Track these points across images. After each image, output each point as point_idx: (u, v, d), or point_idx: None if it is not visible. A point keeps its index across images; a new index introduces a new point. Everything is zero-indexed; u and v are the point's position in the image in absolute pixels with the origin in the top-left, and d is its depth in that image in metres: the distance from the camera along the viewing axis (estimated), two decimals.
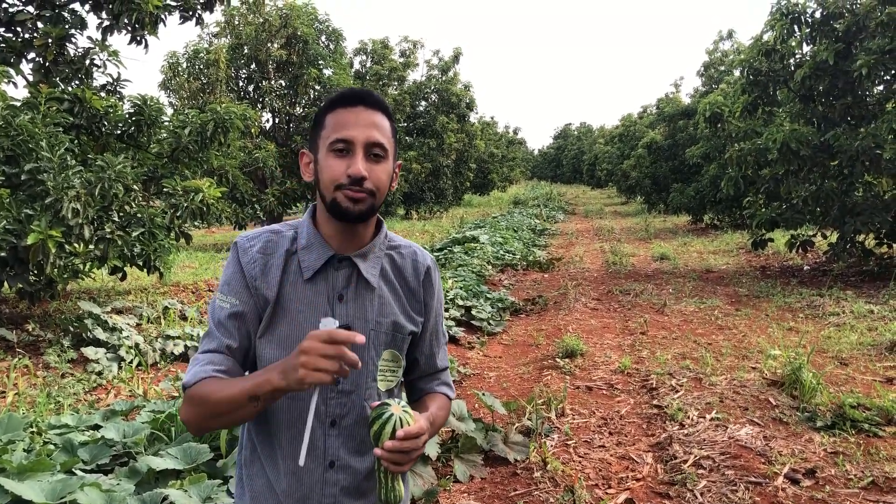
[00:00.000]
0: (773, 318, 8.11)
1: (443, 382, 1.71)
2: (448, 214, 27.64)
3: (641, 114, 33.98)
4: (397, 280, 1.58)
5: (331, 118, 1.47)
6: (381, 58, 27.23)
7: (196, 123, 8.15)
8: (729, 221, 18.93)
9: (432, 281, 1.63)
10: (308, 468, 1.46)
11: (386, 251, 1.58)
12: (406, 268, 1.60)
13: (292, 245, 1.52)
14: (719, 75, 23.08)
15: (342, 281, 1.50)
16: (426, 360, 1.67)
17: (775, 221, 11.15)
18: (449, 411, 1.68)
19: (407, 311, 1.58)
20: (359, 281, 1.51)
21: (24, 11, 7.71)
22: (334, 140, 1.43)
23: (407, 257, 1.61)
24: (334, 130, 1.44)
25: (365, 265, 1.52)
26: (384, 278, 1.56)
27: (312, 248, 1.50)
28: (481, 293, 8.99)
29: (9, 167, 6.05)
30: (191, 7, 8.24)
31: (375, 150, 1.45)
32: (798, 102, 11.31)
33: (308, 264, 1.49)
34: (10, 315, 7.35)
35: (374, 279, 1.52)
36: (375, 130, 1.45)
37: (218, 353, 1.45)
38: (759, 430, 4.53)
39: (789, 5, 10.69)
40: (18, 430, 3.67)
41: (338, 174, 1.42)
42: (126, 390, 5.41)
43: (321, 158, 1.46)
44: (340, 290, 1.49)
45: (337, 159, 1.43)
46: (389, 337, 1.53)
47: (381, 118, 1.48)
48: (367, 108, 1.46)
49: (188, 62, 18.83)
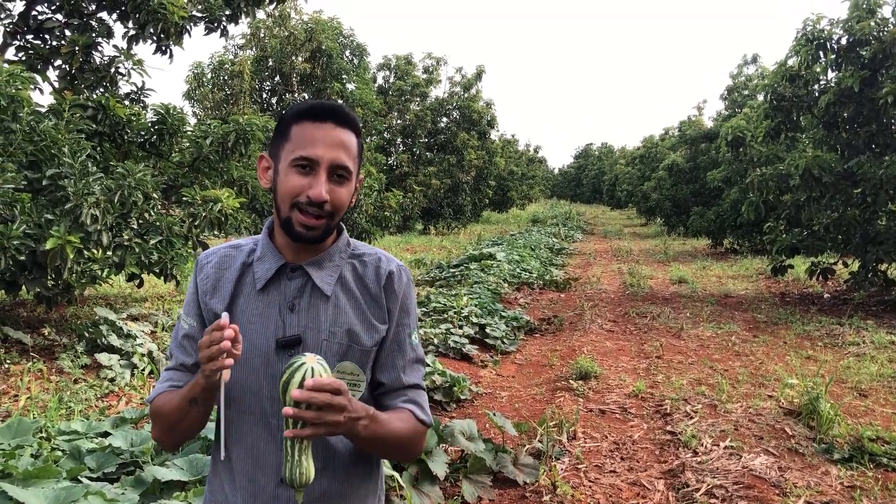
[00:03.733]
0: (792, 345, 8.00)
1: (410, 400, 1.54)
2: (466, 231, 27.63)
3: (663, 136, 33.85)
4: (358, 287, 1.51)
5: (297, 130, 1.42)
6: (404, 73, 27.36)
7: (218, 134, 8.20)
8: (749, 246, 18.77)
9: (395, 286, 1.52)
10: (260, 484, 1.44)
11: (348, 259, 1.53)
12: (367, 275, 1.52)
13: (248, 258, 1.51)
14: (742, 99, 22.96)
15: (294, 290, 1.47)
16: (388, 374, 1.53)
17: (796, 248, 11.04)
18: (413, 428, 1.50)
19: (368, 319, 1.49)
20: (312, 290, 1.47)
21: (53, 19, 7.83)
22: (298, 157, 1.39)
23: (370, 264, 1.53)
24: (299, 146, 1.40)
25: (319, 273, 1.47)
26: (343, 286, 1.50)
27: (265, 259, 1.49)
28: (496, 311, 8.95)
29: (31, 172, 6.11)
30: (216, 19, 8.32)
31: (340, 172, 1.41)
32: (822, 129, 11.22)
33: (260, 275, 1.48)
34: (27, 318, 7.40)
35: (328, 287, 1.47)
36: (342, 151, 1.41)
37: (176, 370, 1.53)
38: (774, 461, 4.45)
39: (815, 31, 10.62)
40: (28, 435, 3.67)
41: (297, 190, 1.39)
42: (137, 398, 5.41)
43: (282, 170, 1.43)
44: (292, 299, 1.46)
45: (298, 176, 1.39)
46: (344, 347, 1.46)
47: (350, 136, 1.44)
48: (337, 126, 1.42)
49: (213, 73, 19.04)
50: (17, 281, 6.04)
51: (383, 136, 25.66)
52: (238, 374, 1.44)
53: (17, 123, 5.94)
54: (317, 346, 1.44)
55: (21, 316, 7.48)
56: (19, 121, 5.95)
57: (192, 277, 1.55)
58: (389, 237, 21.11)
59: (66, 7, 7.58)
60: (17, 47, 7.82)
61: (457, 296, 9.28)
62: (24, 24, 7.76)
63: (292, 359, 1.30)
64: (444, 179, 26.47)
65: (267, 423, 1.44)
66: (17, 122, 5.94)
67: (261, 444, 1.44)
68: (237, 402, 1.46)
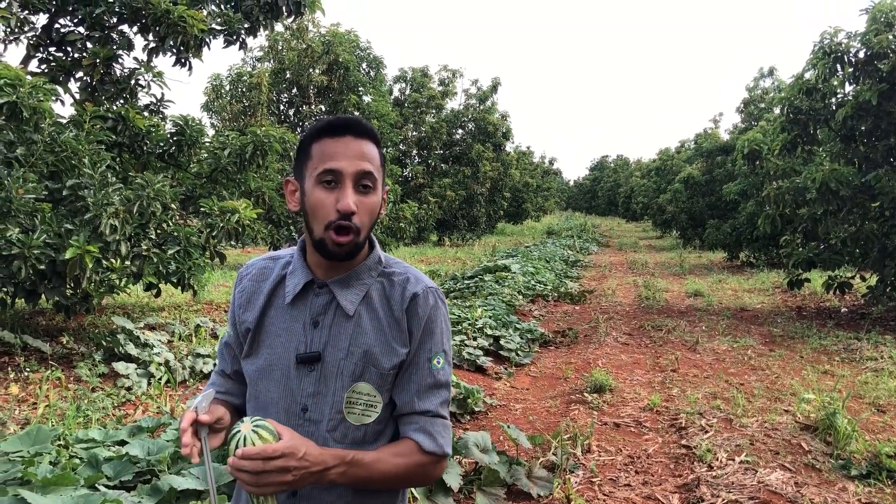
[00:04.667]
0: (808, 360, 7.94)
1: (420, 429, 1.48)
2: (481, 242, 27.63)
3: (679, 148, 33.76)
4: (382, 308, 1.49)
5: (317, 147, 1.43)
6: (420, 86, 27.50)
7: (235, 145, 8.28)
8: (765, 260, 18.65)
9: (418, 309, 1.48)
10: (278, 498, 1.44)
11: (378, 277, 1.52)
12: (394, 296, 1.50)
13: (284, 270, 1.55)
14: (759, 112, 22.88)
15: (319, 307, 1.48)
16: (401, 397, 1.49)
17: (813, 261, 10.96)
18: (415, 463, 1.46)
19: (388, 341, 1.47)
20: (337, 308, 1.48)
21: (75, 32, 7.94)
22: (322, 171, 1.40)
23: (398, 284, 1.51)
24: (321, 161, 1.41)
25: (344, 292, 1.48)
26: (368, 306, 1.49)
27: (295, 274, 1.52)
28: (510, 323, 8.94)
29: (52, 182, 6.19)
30: (235, 32, 8.41)
31: (365, 182, 1.42)
32: (839, 142, 11.15)
33: (289, 289, 1.51)
34: (46, 327, 7.48)
35: (351, 307, 1.47)
36: (364, 161, 1.42)
37: (218, 375, 1.67)
38: (791, 476, 4.41)
39: (832, 44, 10.57)
40: (46, 443, 3.71)
41: (328, 209, 1.40)
42: (154, 407, 5.45)
43: (308, 189, 1.43)
44: (316, 315, 1.48)
45: (325, 192, 1.40)
46: (361, 368, 1.45)
47: (370, 147, 1.45)
48: (356, 138, 1.43)
49: (231, 85, 19.21)
50: (36, 290, 6.11)
51: (399, 148, 25.77)
52: (262, 385, 1.49)
53: (38, 134, 6.03)
54: (335, 365, 1.45)
55: (40, 324, 7.56)
56: (41, 132, 6.04)
57: (234, 288, 1.62)
58: (404, 248, 21.15)
59: (87, 20, 7.69)
60: (40, 59, 7.94)
61: (471, 307, 9.29)
62: (46, 37, 7.88)
63: (234, 425, 1.33)
64: (459, 191, 26.54)
65: None
66: (39, 133, 6.03)
67: None
68: (261, 411, 1.50)
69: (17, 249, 5.43)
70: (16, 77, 5.72)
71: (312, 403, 1.45)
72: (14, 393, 5.35)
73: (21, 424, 4.75)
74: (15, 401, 5.24)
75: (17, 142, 5.96)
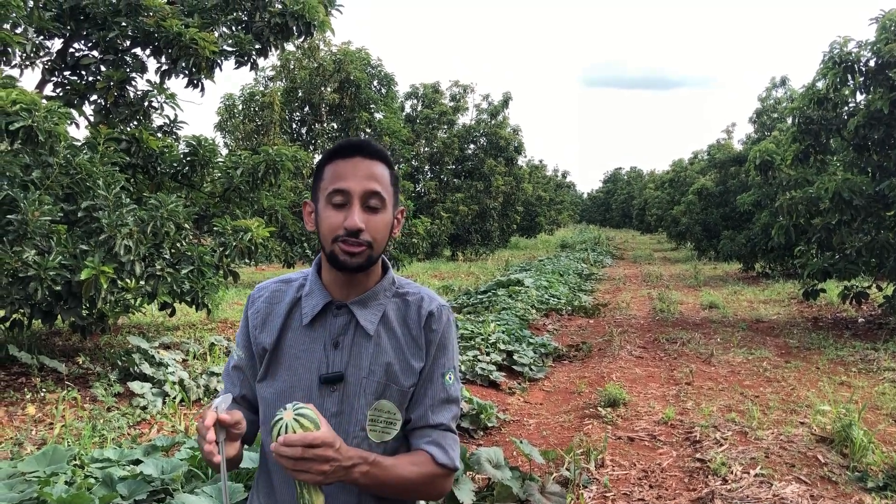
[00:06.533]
0: (825, 371, 7.88)
1: (432, 441, 1.52)
2: (494, 257, 27.63)
3: (692, 159, 33.67)
4: (400, 327, 1.54)
5: (329, 169, 1.49)
6: (431, 102, 27.63)
7: (248, 164, 8.36)
8: (781, 270, 18.55)
9: (434, 325, 1.54)
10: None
11: (392, 297, 1.57)
12: (410, 315, 1.55)
13: (298, 293, 1.57)
14: (772, 122, 22.82)
15: (339, 328, 1.51)
16: (416, 411, 1.54)
17: (828, 271, 10.89)
18: (429, 473, 1.50)
19: (406, 359, 1.52)
20: (356, 328, 1.51)
21: (89, 56, 8.06)
22: (331, 192, 1.46)
23: (413, 304, 1.56)
24: (331, 182, 1.46)
25: (363, 312, 1.52)
26: (386, 325, 1.54)
27: (313, 295, 1.54)
28: (524, 338, 8.93)
29: (67, 204, 6.27)
30: (246, 53, 8.50)
31: (372, 202, 1.46)
32: (852, 151, 11.11)
33: (307, 310, 1.53)
34: (62, 347, 7.55)
35: (371, 326, 1.51)
36: (373, 181, 1.46)
37: None
38: (806, 489, 4.38)
39: (842, 54, 10.55)
40: (62, 463, 3.74)
41: (335, 226, 1.45)
42: (168, 426, 5.48)
43: (320, 209, 1.49)
44: (336, 336, 1.51)
45: (334, 211, 1.45)
46: (382, 386, 1.50)
47: (380, 167, 1.49)
48: (365, 158, 1.48)
49: (244, 104, 19.40)
50: (53, 311, 6.18)
51: (411, 164, 25.87)
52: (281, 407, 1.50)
53: (54, 157, 6.12)
54: (357, 384, 1.49)
55: (56, 345, 7.64)
56: (56, 155, 6.13)
57: (244, 310, 1.62)
58: (418, 264, 21.19)
59: (101, 44, 7.80)
60: (55, 83, 8.07)
61: (484, 322, 9.29)
62: (61, 61, 8.00)
63: (277, 413, 1.36)
64: (472, 206, 26.58)
65: None
66: (55, 156, 6.12)
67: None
68: None
69: (33, 271, 5.50)
70: (31, 102, 5.81)
71: (336, 423, 1.47)
72: (31, 413, 5.40)
73: (38, 444, 4.79)
74: (32, 421, 5.29)
75: (33, 165, 6.05)
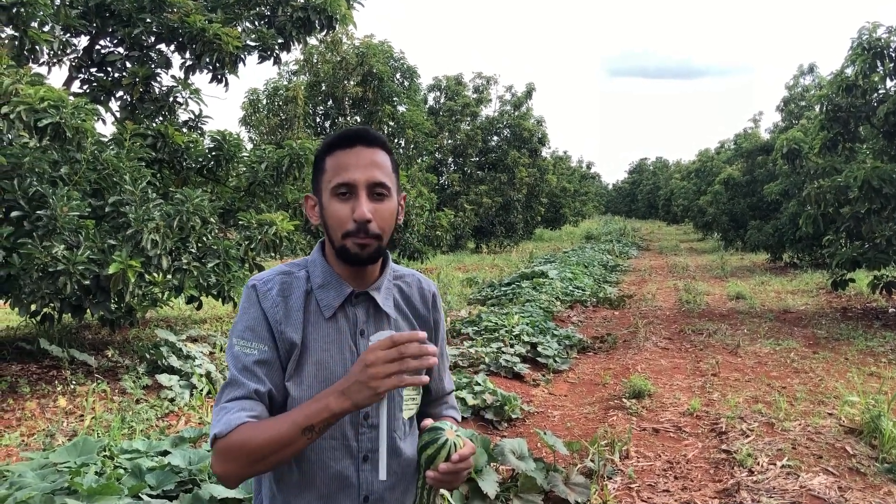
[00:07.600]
0: (853, 361, 7.79)
1: (450, 406, 1.74)
2: (518, 248, 27.56)
3: (718, 149, 33.34)
4: (408, 308, 1.62)
5: (330, 161, 1.48)
6: (454, 94, 27.55)
7: (272, 159, 8.40)
8: (809, 260, 18.30)
9: (438, 304, 1.67)
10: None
11: (393, 282, 1.61)
12: (413, 296, 1.63)
13: (307, 284, 1.53)
14: (799, 110, 22.49)
15: (361, 316, 1.53)
16: (436, 385, 1.70)
17: (857, 261, 10.74)
18: None
19: None
20: (376, 315, 1.54)
21: (115, 53, 8.15)
22: (336, 184, 1.45)
23: (413, 285, 1.65)
24: (335, 174, 1.46)
25: (381, 298, 1.54)
26: (397, 309, 1.59)
27: (330, 287, 1.52)
28: (548, 329, 8.91)
29: (94, 199, 6.35)
30: (269, 47, 8.55)
31: (378, 190, 1.46)
32: (881, 139, 10.94)
33: (327, 303, 1.51)
34: (92, 341, 7.67)
35: (391, 311, 1.56)
36: (376, 170, 1.46)
37: (247, 399, 1.41)
38: (834, 481, 4.34)
39: (871, 40, 10.38)
40: (92, 454, 3.81)
41: (344, 220, 1.44)
42: (196, 417, 5.55)
43: (325, 203, 1.48)
44: (361, 325, 1.52)
45: (341, 203, 1.45)
46: None
47: (381, 155, 1.49)
48: (366, 147, 1.47)
49: (268, 99, 19.46)
50: (82, 305, 6.27)
51: (434, 157, 25.84)
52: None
53: (81, 153, 6.20)
54: None
55: (86, 338, 7.76)
56: (83, 150, 6.21)
57: (253, 303, 1.49)
58: (441, 256, 21.21)
59: (127, 40, 7.88)
60: (82, 80, 8.17)
61: (508, 314, 9.28)
62: (88, 59, 8.10)
63: (431, 433, 1.44)
64: (496, 198, 26.51)
65: (348, 447, 1.49)
66: (82, 151, 6.20)
67: (342, 467, 1.48)
68: None
69: (62, 266, 5.58)
70: (59, 98, 5.89)
71: (373, 409, 1.48)
72: (62, 405, 5.50)
73: (69, 436, 4.88)
74: (63, 413, 5.38)
75: (62, 161, 6.13)
